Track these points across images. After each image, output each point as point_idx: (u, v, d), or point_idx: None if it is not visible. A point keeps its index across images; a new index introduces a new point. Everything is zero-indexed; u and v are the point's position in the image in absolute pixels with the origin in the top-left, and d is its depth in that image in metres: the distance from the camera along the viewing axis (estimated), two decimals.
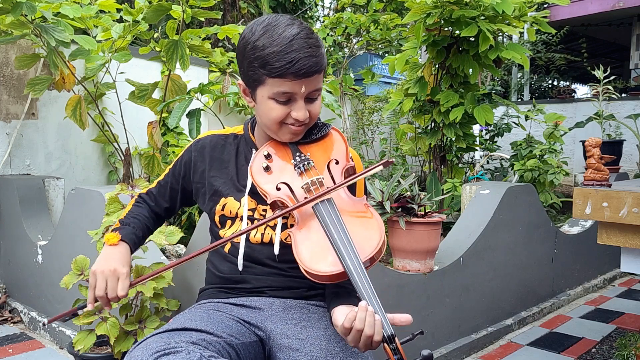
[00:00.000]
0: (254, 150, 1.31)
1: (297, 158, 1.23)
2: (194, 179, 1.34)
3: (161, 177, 1.41)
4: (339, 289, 1.15)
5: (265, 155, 1.26)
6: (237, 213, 1.26)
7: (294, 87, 1.14)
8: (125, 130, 3.05)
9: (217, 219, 1.29)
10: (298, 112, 1.18)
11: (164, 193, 1.39)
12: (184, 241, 2.63)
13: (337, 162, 1.24)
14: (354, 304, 1.09)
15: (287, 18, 1.17)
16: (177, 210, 1.44)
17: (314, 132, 1.29)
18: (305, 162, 1.22)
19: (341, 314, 1.05)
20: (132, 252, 1.28)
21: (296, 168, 1.22)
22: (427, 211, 2.29)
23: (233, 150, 1.33)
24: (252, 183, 1.25)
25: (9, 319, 2.80)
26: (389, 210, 2.21)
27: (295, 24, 1.15)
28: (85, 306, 1.20)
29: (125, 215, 1.35)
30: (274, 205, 1.22)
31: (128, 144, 3.15)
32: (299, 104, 1.18)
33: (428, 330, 2.36)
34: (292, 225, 1.18)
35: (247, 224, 1.25)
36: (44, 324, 1.60)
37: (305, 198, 1.16)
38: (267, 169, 1.24)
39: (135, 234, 1.31)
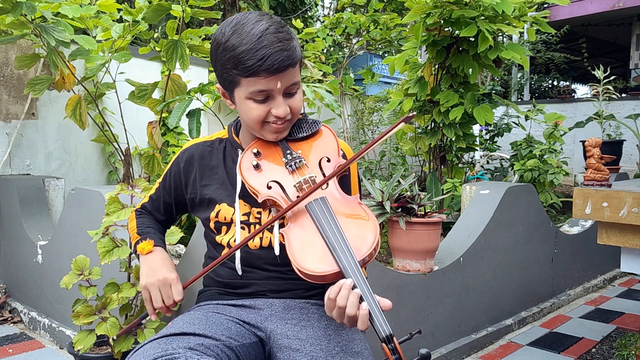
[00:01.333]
0: (239, 151, 1.28)
1: (288, 156, 1.21)
2: (186, 191, 1.32)
3: (152, 192, 1.39)
4: None
5: (254, 154, 1.23)
6: (232, 219, 1.25)
7: (269, 84, 1.12)
8: (125, 130, 3.05)
9: (212, 225, 1.27)
10: (278, 109, 1.15)
11: (158, 207, 1.38)
12: (184, 241, 2.63)
13: (328, 160, 1.22)
14: None
15: (255, 15, 1.14)
16: (174, 221, 1.43)
17: (303, 129, 1.27)
18: (297, 160, 1.20)
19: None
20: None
21: (287, 166, 1.20)
22: (427, 211, 2.29)
23: (220, 155, 1.31)
24: (243, 184, 1.23)
25: (9, 319, 2.80)
26: (389, 210, 2.21)
27: (264, 19, 1.13)
28: (147, 315, 1.27)
29: (137, 228, 1.35)
30: (265, 205, 1.20)
31: (128, 144, 3.15)
32: (278, 100, 1.15)
33: (428, 330, 2.36)
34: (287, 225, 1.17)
35: (244, 228, 1.23)
36: (112, 339, 1.56)
37: (298, 197, 1.14)
38: (257, 167, 1.21)
39: (161, 238, 1.33)
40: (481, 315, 2.67)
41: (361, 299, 0.98)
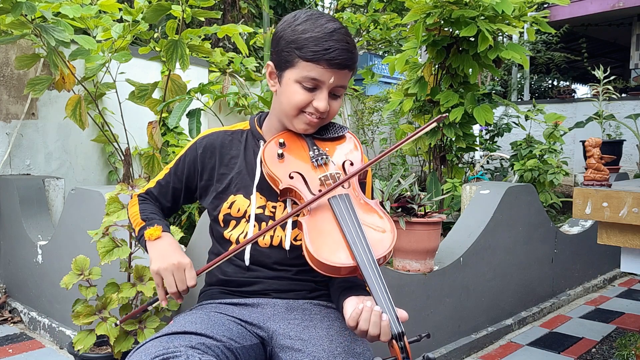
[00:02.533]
0: (261, 143, 1.29)
1: (315, 151, 1.23)
2: (202, 177, 1.31)
3: (160, 177, 1.37)
4: (347, 283, 1.14)
5: (280, 144, 1.24)
6: (245, 212, 1.24)
7: (324, 75, 1.16)
8: (125, 130, 3.05)
9: (221, 218, 1.26)
10: (320, 102, 1.19)
11: (166, 193, 1.35)
12: (184, 241, 2.63)
13: (352, 164, 1.24)
14: (364, 295, 1.09)
15: (330, 16, 1.21)
16: (178, 209, 1.41)
17: (330, 131, 1.29)
18: (323, 156, 1.22)
19: (351, 307, 1.04)
20: None
21: (313, 160, 1.22)
22: (427, 211, 2.29)
23: (241, 145, 1.32)
24: (261, 176, 1.24)
25: (9, 319, 2.80)
26: (389, 210, 2.21)
27: (338, 22, 1.20)
28: (156, 300, 1.21)
29: (141, 214, 1.30)
30: (284, 194, 1.20)
31: (128, 144, 3.15)
32: (324, 94, 1.19)
33: (428, 330, 2.36)
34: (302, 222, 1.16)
35: (254, 225, 1.23)
36: (115, 324, 1.50)
37: (320, 191, 1.15)
38: (280, 156, 1.22)
39: (167, 225, 1.29)
40: (481, 315, 2.67)
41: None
